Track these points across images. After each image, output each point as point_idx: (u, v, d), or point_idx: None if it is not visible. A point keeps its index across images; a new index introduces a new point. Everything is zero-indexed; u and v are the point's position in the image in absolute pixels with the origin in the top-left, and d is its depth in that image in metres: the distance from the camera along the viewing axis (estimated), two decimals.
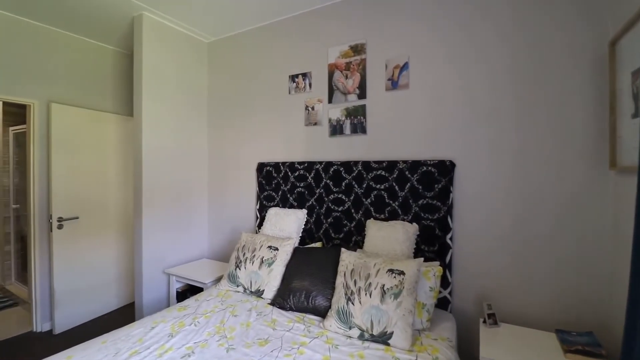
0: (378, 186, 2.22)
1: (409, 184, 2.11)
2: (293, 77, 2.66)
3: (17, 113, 3.67)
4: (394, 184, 2.16)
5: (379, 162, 2.22)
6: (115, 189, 3.34)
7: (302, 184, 2.56)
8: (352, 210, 2.32)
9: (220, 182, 3.20)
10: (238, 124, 3.05)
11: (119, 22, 2.82)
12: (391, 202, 2.17)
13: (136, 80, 2.73)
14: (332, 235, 2.40)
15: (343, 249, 1.97)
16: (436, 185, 2.02)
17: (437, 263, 1.94)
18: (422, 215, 2.06)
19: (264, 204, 2.80)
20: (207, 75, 3.26)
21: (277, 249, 2.21)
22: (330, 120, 2.47)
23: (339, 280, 1.81)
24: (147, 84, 2.71)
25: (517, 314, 1.84)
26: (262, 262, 2.18)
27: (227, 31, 3.03)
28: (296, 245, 2.35)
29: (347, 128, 2.39)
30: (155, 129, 2.79)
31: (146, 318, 1.85)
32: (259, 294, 2.10)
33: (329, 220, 2.42)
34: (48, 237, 2.91)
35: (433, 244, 2.03)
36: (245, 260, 2.25)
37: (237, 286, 2.21)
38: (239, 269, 2.24)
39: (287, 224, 2.45)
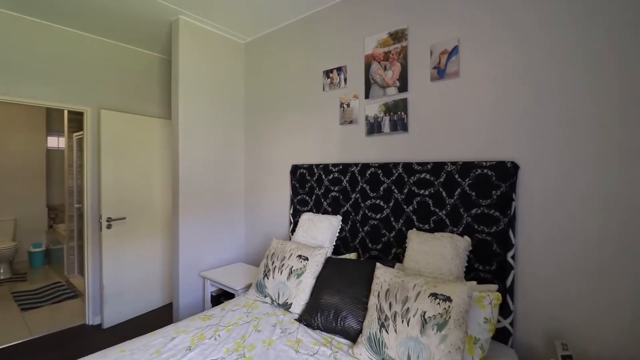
0: (422, 191, 1.92)
1: (459, 190, 1.79)
2: (327, 73, 2.47)
3: (79, 120, 3.99)
4: (441, 190, 1.85)
5: (423, 164, 1.93)
6: (159, 191, 3.45)
7: (336, 188, 2.36)
8: (392, 219, 2.05)
9: (256, 184, 3.12)
10: (273, 125, 2.94)
11: (160, 29, 2.88)
12: (437, 210, 1.86)
13: (173, 84, 2.75)
14: (369, 245, 2.16)
15: (378, 264, 1.72)
16: (494, 192, 1.68)
17: (495, 287, 1.60)
18: (476, 227, 1.73)
19: (298, 208, 2.64)
20: (243, 76, 3.22)
21: (307, 258, 2.03)
22: (367, 117, 2.23)
23: (372, 300, 1.57)
24: (183, 88, 2.72)
25: (602, 356, 1.43)
26: (290, 272, 2.01)
27: (262, 29, 2.94)
28: (329, 255, 2.15)
29: (386, 126, 2.13)
30: (192, 133, 2.79)
31: (170, 327, 1.78)
32: (286, 307, 1.94)
33: (365, 228, 2.18)
34: (99, 236, 3.07)
35: (489, 263, 1.69)
36: (274, 269, 2.10)
37: (265, 297, 2.07)
38: (267, 278, 2.10)
39: (320, 231, 2.26)
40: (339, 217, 2.29)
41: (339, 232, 2.30)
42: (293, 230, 2.64)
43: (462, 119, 1.85)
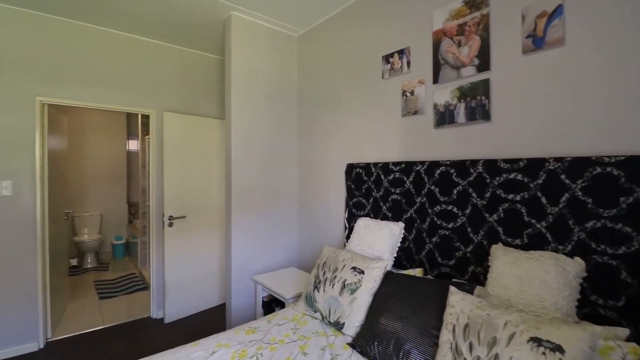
0: (510, 196, 1.50)
1: (566, 195, 1.34)
2: (387, 58, 2.15)
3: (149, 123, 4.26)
4: (539, 194, 1.42)
5: (513, 161, 1.51)
6: (218, 191, 3.47)
7: (398, 190, 2.03)
8: (469, 229, 1.66)
9: (309, 185, 2.93)
10: (326, 121, 2.71)
11: (214, 29, 2.86)
12: (534, 221, 1.43)
13: (226, 83, 2.70)
14: (439, 260, 1.79)
15: (453, 288, 1.36)
16: (622, 199, 1.20)
17: (625, 332, 1.13)
18: (594, 246, 1.27)
19: (353, 212, 2.37)
20: (296, 71, 3.05)
21: (362, 272, 1.75)
22: (435, 106, 1.86)
23: (445, 336, 1.23)
24: (235, 86, 2.64)
25: None
26: (343, 286, 1.75)
27: (316, 18, 2.73)
28: (388, 268, 1.84)
29: (461, 114, 1.74)
30: (245, 131, 2.71)
31: (212, 338, 1.66)
32: (338, 326, 1.69)
33: (434, 239, 1.82)
34: (162, 233, 3.18)
35: (615, 297, 1.22)
36: (325, 281, 1.86)
37: (315, 311, 1.84)
38: (318, 290, 1.87)
39: (378, 239, 1.96)
40: (401, 225, 1.96)
41: (400, 242, 1.97)
42: (348, 237, 2.38)
43: (568, 100, 1.39)
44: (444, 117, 1.82)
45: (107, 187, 5.43)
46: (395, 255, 1.94)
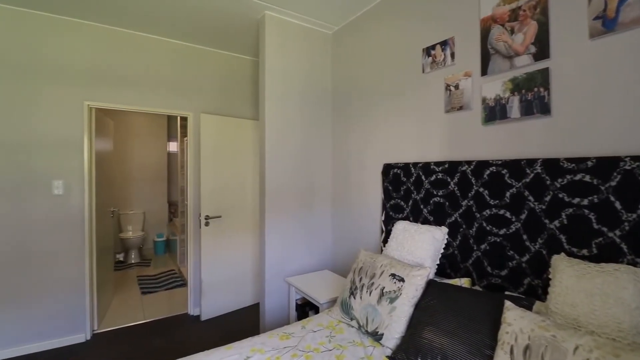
0: (576, 200, 1.32)
1: None
2: (428, 50, 2.01)
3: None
4: (612, 198, 1.23)
5: (578, 161, 1.32)
6: (252, 192, 3.50)
7: (441, 192, 1.89)
8: (524, 236, 1.49)
9: (344, 186, 2.84)
10: (361, 120, 2.61)
11: (249, 31, 2.88)
12: (605, 229, 1.25)
13: (260, 84, 2.69)
14: (489, 270, 1.63)
15: (509, 303, 1.22)
16: None
17: None
18: None
19: (391, 215, 2.25)
20: (330, 69, 2.98)
21: (402, 279, 1.63)
22: (484, 100, 1.70)
23: (501, 357, 1.09)
24: (270, 87, 2.62)
25: None
26: (382, 294, 1.65)
27: (351, 12, 2.64)
28: (430, 277, 1.71)
29: (514, 109, 1.57)
30: (278, 132, 2.68)
31: (246, 341, 1.63)
32: (376, 337, 1.59)
33: (482, 246, 1.66)
34: (199, 232, 3.25)
35: None
36: (362, 287, 1.77)
37: (351, 319, 1.76)
38: (354, 297, 1.78)
39: (419, 245, 1.83)
40: (445, 229, 1.82)
41: (444, 249, 1.83)
42: (385, 241, 2.27)
43: None
44: (494, 112, 1.66)
45: (149, 186, 5.71)
46: (438, 262, 1.81)
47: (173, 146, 5.99)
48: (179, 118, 4.71)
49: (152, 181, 5.75)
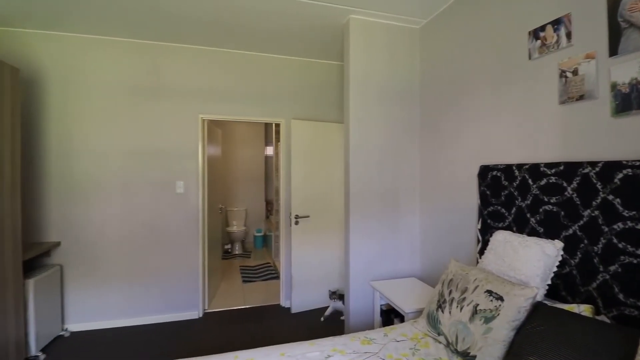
0: None
1: None
2: (535, 32, 1.72)
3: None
4: None
5: None
6: (338, 193, 3.57)
7: (554, 199, 1.59)
8: None
9: (433, 190, 2.66)
10: (455, 117, 2.40)
11: (334, 37, 2.96)
12: None
13: (345, 88, 2.72)
14: (620, 297, 1.30)
15: None
16: None
17: None
18: None
19: (489, 223, 2.01)
20: (418, 66, 2.82)
21: (501, 298, 1.44)
22: (615, 86, 1.36)
23: None
24: (354, 90, 2.64)
25: None
26: (475, 312, 1.48)
27: (441, 4, 2.45)
28: (538, 299, 1.45)
29: None
30: (363, 135, 2.67)
31: (328, 341, 1.67)
32: (467, 358, 1.43)
33: (612, 268, 1.34)
34: (290, 230, 3.49)
35: None
36: (451, 301, 1.62)
37: (438, 334, 1.63)
38: (442, 310, 1.65)
39: (524, 260, 1.58)
40: (559, 244, 1.53)
41: (557, 267, 1.53)
42: (481, 252, 2.03)
43: None
44: (629, 101, 1.31)
45: (249, 186, 6.39)
46: (549, 282, 1.53)
47: (269, 150, 6.56)
48: (273, 125, 5.13)
49: (252, 182, 6.41)
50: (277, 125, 4.35)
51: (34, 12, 2.58)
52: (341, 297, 3.14)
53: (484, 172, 2.05)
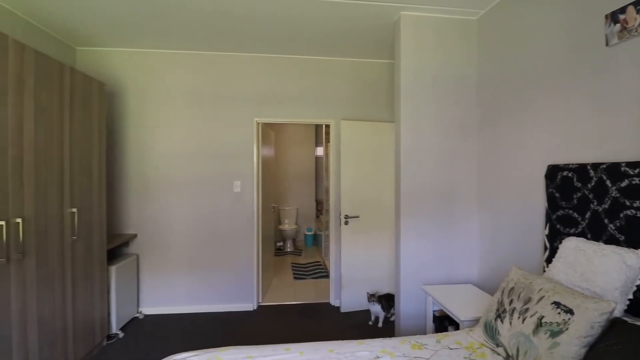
0: None
1: None
2: (613, 16, 1.52)
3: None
4: None
5: None
6: (388, 193, 3.51)
7: (637, 203, 1.40)
8: None
9: (493, 192, 2.49)
10: (517, 113, 2.22)
11: (383, 35, 2.92)
12: None
13: (395, 86, 2.67)
14: None
15: None
16: None
17: None
18: None
19: (558, 228, 1.83)
20: (475, 60, 2.66)
21: (571, 311, 1.30)
22: None
23: None
24: (405, 87, 2.58)
25: None
26: (539, 324, 1.37)
27: None
28: (616, 314, 1.29)
29: None
30: (415, 133, 2.60)
31: (378, 342, 1.66)
32: None
33: None
34: (339, 230, 3.52)
35: None
36: (512, 311, 1.51)
37: (497, 345, 1.53)
38: (501, 320, 1.55)
39: (600, 271, 1.42)
40: None
41: None
42: (549, 260, 1.85)
43: None
44: None
45: (300, 186, 6.57)
46: (631, 297, 1.35)
47: (319, 151, 6.67)
48: (323, 126, 5.21)
49: (302, 182, 6.58)
50: (327, 126, 4.40)
51: (115, 34, 2.99)
52: (380, 299, 3.09)
53: (553, 172, 1.87)
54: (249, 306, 3.47)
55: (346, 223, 3.44)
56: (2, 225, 1.69)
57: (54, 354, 2.09)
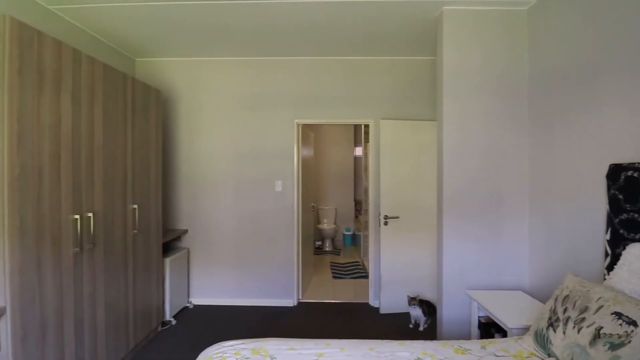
0: None
1: None
2: None
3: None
4: None
5: None
6: (429, 193, 3.41)
7: None
8: None
9: (546, 193, 2.32)
10: (574, 108, 2.05)
11: (424, 32, 2.87)
12: None
13: (438, 83, 2.60)
14: None
15: None
16: None
17: None
18: None
19: (621, 233, 1.66)
20: (526, 53, 2.49)
21: (634, 323, 1.19)
22: None
23: None
24: (448, 85, 2.50)
25: None
26: (597, 335, 1.27)
27: None
28: None
29: None
30: (458, 132, 2.51)
31: (419, 343, 1.64)
32: None
33: None
34: (379, 230, 3.50)
35: None
36: (566, 321, 1.42)
37: (548, 355, 1.44)
38: (553, 329, 1.45)
39: None
40: None
41: None
42: (610, 267, 1.70)
43: None
44: None
45: (339, 186, 6.60)
46: None
47: (358, 151, 6.66)
48: (362, 126, 5.20)
49: (341, 182, 6.61)
50: (366, 125, 4.39)
51: (169, 45, 3.26)
52: (422, 303, 3.01)
53: (616, 172, 1.71)
54: (290, 302, 3.58)
55: (386, 224, 3.40)
56: (77, 218, 1.93)
57: (118, 335, 2.34)
